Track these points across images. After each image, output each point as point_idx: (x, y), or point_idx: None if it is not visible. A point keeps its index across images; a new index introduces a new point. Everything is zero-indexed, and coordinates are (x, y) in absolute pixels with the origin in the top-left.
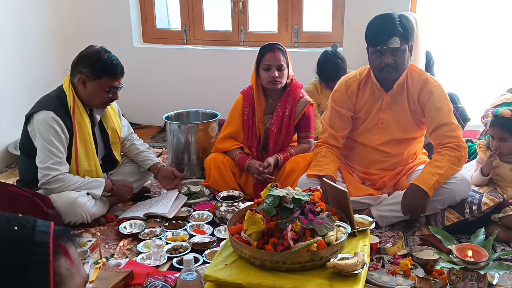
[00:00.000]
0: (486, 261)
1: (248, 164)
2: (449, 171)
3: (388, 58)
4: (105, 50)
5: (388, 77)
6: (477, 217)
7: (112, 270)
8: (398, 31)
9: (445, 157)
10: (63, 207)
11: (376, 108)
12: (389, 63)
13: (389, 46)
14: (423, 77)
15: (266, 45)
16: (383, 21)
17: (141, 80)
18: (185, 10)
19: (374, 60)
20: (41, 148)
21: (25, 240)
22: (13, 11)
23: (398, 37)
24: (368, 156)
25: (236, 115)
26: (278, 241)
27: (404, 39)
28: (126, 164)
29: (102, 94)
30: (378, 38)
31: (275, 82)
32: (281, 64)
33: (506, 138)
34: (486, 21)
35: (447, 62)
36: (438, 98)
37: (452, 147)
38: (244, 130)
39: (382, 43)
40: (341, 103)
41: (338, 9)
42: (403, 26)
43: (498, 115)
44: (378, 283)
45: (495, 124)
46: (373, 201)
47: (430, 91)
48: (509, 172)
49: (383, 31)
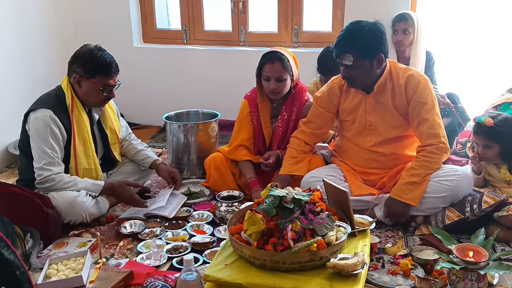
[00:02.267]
0: (486, 261)
1: (254, 190)
2: (426, 177)
3: (344, 72)
4: (99, 49)
5: (350, 86)
6: (478, 215)
7: (112, 270)
8: (351, 48)
9: (421, 164)
10: (62, 207)
11: (361, 110)
12: (344, 75)
13: (342, 62)
14: (408, 72)
15: (266, 54)
16: (344, 34)
17: (141, 80)
18: (185, 10)
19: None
20: (35, 147)
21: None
22: (13, 11)
23: (350, 54)
24: (364, 156)
25: (246, 121)
26: (278, 241)
27: (361, 56)
28: (126, 163)
29: (97, 93)
30: (335, 50)
31: (274, 93)
32: (280, 76)
33: (490, 145)
34: (486, 21)
35: (447, 62)
36: (422, 92)
37: (432, 151)
38: (254, 135)
39: (336, 57)
40: (322, 102)
41: (338, 9)
42: (363, 42)
43: (481, 124)
44: (378, 283)
45: (478, 133)
46: (375, 200)
47: (415, 85)
48: (499, 173)
49: (339, 45)
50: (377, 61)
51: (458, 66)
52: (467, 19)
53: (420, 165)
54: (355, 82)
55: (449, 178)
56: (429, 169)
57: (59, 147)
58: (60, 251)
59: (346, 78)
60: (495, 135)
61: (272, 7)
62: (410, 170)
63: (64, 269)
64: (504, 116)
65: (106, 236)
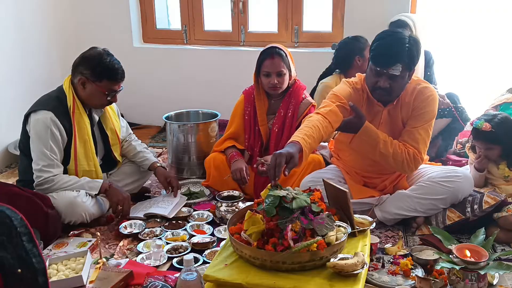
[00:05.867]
0: (486, 261)
1: (234, 161)
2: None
3: (385, 82)
4: (108, 53)
5: (378, 98)
6: (478, 216)
7: (112, 270)
8: (403, 59)
9: (398, 145)
10: (62, 207)
11: (375, 122)
12: (383, 86)
13: (389, 72)
14: (419, 86)
15: (265, 50)
16: (391, 43)
17: (141, 80)
18: (185, 10)
19: (370, 77)
20: (35, 149)
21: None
22: (13, 11)
23: (401, 64)
24: (366, 161)
25: (238, 116)
26: (278, 241)
27: (407, 67)
28: (126, 164)
29: (101, 97)
30: (381, 60)
31: (275, 89)
32: (281, 70)
33: (491, 147)
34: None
35: (447, 62)
36: (428, 109)
37: (409, 153)
38: (245, 131)
39: (383, 67)
40: (343, 92)
41: (338, 9)
42: (411, 53)
43: (479, 129)
44: (378, 283)
45: (477, 138)
46: (375, 202)
47: (423, 101)
48: (497, 170)
49: (389, 54)
50: (410, 73)
51: (458, 66)
52: (466, 19)
53: (397, 144)
54: (390, 94)
55: (449, 180)
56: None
57: (58, 149)
58: (60, 251)
59: (384, 89)
60: (494, 138)
61: (272, 7)
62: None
63: (64, 269)
64: (500, 117)
65: (106, 236)
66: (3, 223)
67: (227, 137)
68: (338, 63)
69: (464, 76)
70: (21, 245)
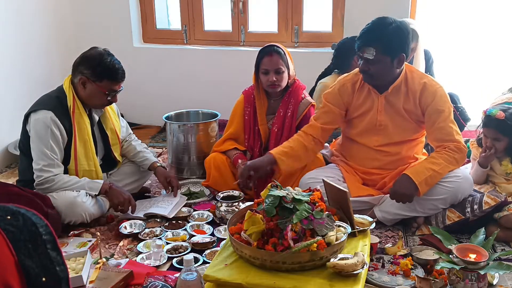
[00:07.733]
0: (486, 261)
1: (240, 164)
2: (445, 169)
3: (363, 66)
4: (108, 53)
5: (365, 81)
6: (478, 216)
7: (112, 270)
8: (376, 43)
9: (442, 156)
10: (62, 207)
11: (373, 110)
12: (362, 69)
13: (363, 55)
14: (424, 79)
15: (264, 48)
16: (370, 28)
17: (141, 80)
18: (185, 10)
19: (358, 61)
20: (35, 149)
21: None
22: (13, 11)
23: (374, 48)
24: (366, 155)
25: (237, 116)
26: (278, 241)
27: (383, 52)
28: (126, 164)
29: (101, 97)
30: (357, 43)
31: (274, 86)
32: (279, 68)
33: (499, 138)
34: (486, 21)
35: (447, 62)
36: (440, 100)
37: (452, 149)
38: (245, 131)
39: (358, 50)
40: (331, 99)
41: (338, 9)
42: (388, 38)
43: (492, 116)
44: (378, 283)
45: (489, 125)
46: (374, 201)
47: (432, 93)
48: (500, 166)
49: (363, 37)
50: (398, 60)
51: (458, 65)
52: (466, 19)
53: (440, 156)
54: (372, 77)
55: (449, 180)
56: (448, 162)
57: (59, 149)
58: None
59: (364, 72)
60: (505, 128)
61: (272, 7)
62: (430, 158)
63: None
64: None
65: (106, 236)
66: (30, 231)
67: (227, 138)
68: (337, 63)
69: (464, 76)
70: (46, 253)
